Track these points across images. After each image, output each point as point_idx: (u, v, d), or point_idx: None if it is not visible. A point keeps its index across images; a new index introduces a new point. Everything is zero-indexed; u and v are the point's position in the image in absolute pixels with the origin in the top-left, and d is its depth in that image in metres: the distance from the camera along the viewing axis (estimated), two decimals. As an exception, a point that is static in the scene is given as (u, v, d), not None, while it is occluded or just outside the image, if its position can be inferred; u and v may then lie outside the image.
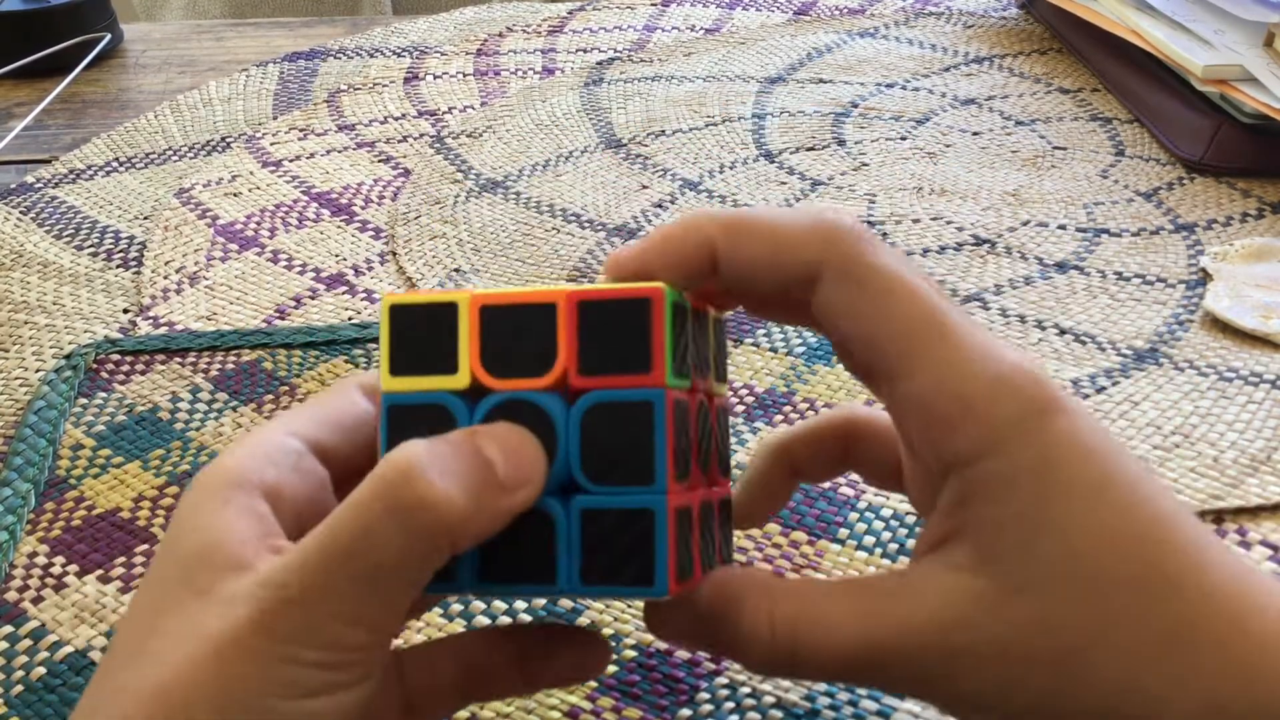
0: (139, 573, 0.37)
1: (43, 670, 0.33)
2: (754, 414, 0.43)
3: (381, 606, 0.21)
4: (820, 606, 0.23)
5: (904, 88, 0.74)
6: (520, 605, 0.35)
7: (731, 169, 0.64)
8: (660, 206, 0.60)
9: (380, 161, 0.67)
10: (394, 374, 0.24)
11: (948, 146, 0.66)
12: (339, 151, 0.68)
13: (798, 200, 0.60)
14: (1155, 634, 0.21)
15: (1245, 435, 0.41)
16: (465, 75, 0.80)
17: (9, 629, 0.35)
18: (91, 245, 0.58)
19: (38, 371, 0.48)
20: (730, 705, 0.31)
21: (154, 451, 0.43)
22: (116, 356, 0.48)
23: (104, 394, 0.46)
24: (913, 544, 0.36)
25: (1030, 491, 0.22)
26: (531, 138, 0.69)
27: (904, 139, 0.67)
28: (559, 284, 0.25)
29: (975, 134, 0.67)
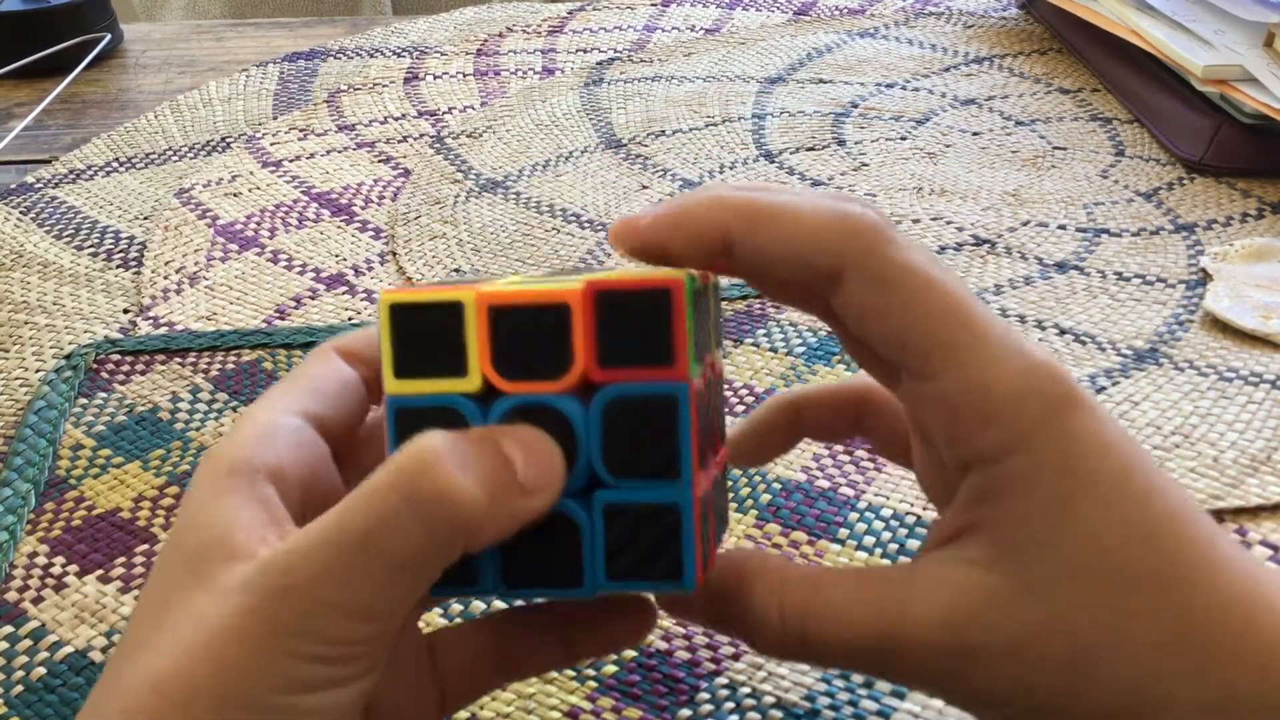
0: (139, 573, 0.37)
1: (43, 670, 0.33)
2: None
3: (388, 599, 0.21)
4: (830, 595, 0.23)
5: (904, 88, 0.74)
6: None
7: (731, 169, 0.64)
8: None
9: (380, 161, 0.67)
10: (399, 376, 0.23)
11: (948, 146, 0.66)
12: (339, 151, 0.68)
13: (798, 200, 0.60)
14: (1169, 630, 0.21)
15: (1245, 435, 0.41)
16: (465, 75, 0.80)
17: (9, 629, 0.35)
18: (91, 245, 0.58)
19: (38, 371, 0.48)
20: (730, 705, 0.31)
21: (154, 451, 0.43)
22: (116, 356, 0.48)
23: (104, 394, 0.46)
24: (913, 544, 0.36)
25: (1053, 487, 0.22)
26: (531, 138, 0.69)
27: (904, 139, 0.67)
28: (562, 276, 0.24)
29: (975, 134, 0.67)
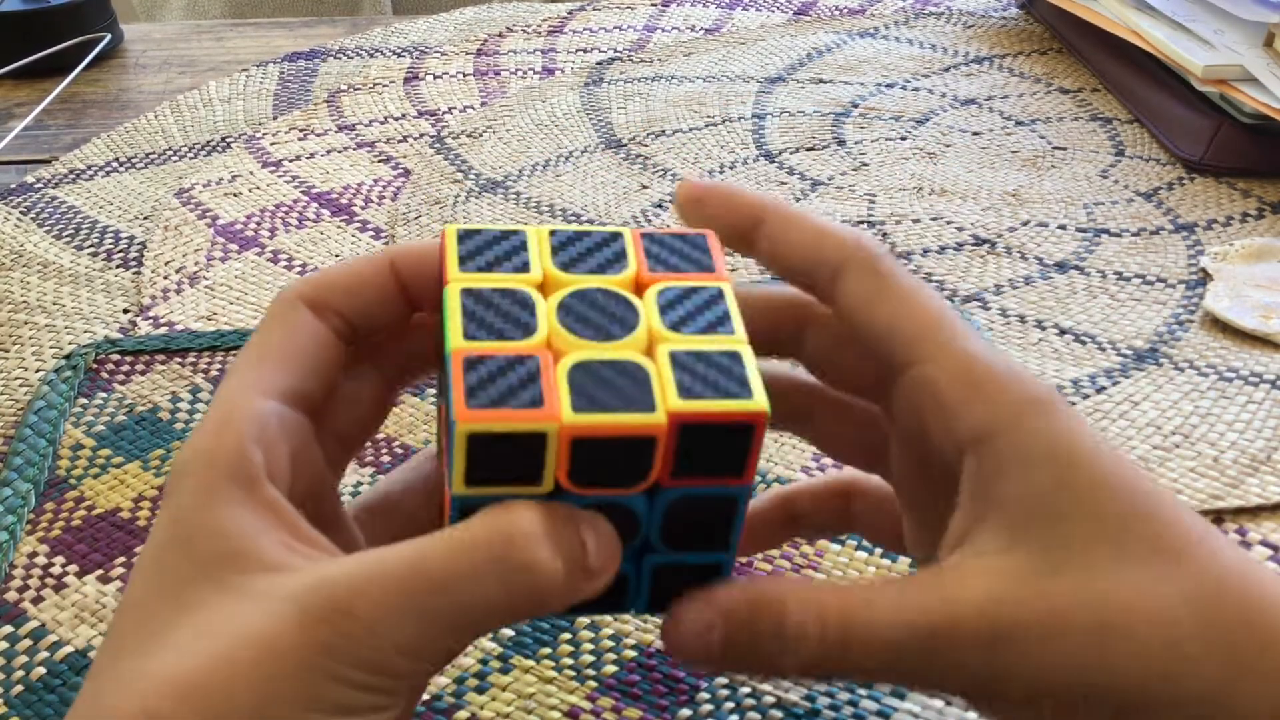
0: (139, 573, 0.37)
1: (43, 670, 0.33)
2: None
3: (446, 645, 0.22)
4: (867, 598, 0.23)
5: (904, 88, 0.74)
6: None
7: (731, 169, 0.64)
8: (660, 206, 0.60)
9: (380, 161, 0.67)
10: (469, 485, 0.22)
11: (948, 146, 0.66)
12: (339, 151, 0.68)
13: (798, 200, 0.60)
14: (1185, 602, 0.22)
15: (1245, 435, 0.41)
16: (465, 75, 0.80)
17: (9, 629, 0.35)
18: (91, 245, 0.58)
19: (38, 371, 0.48)
20: (730, 705, 0.31)
21: (154, 451, 0.43)
22: (116, 356, 0.48)
23: (104, 394, 0.46)
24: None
25: (1050, 467, 0.22)
26: (531, 138, 0.69)
27: (904, 139, 0.67)
28: (603, 230, 0.25)
29: (975, 134, 0.67)
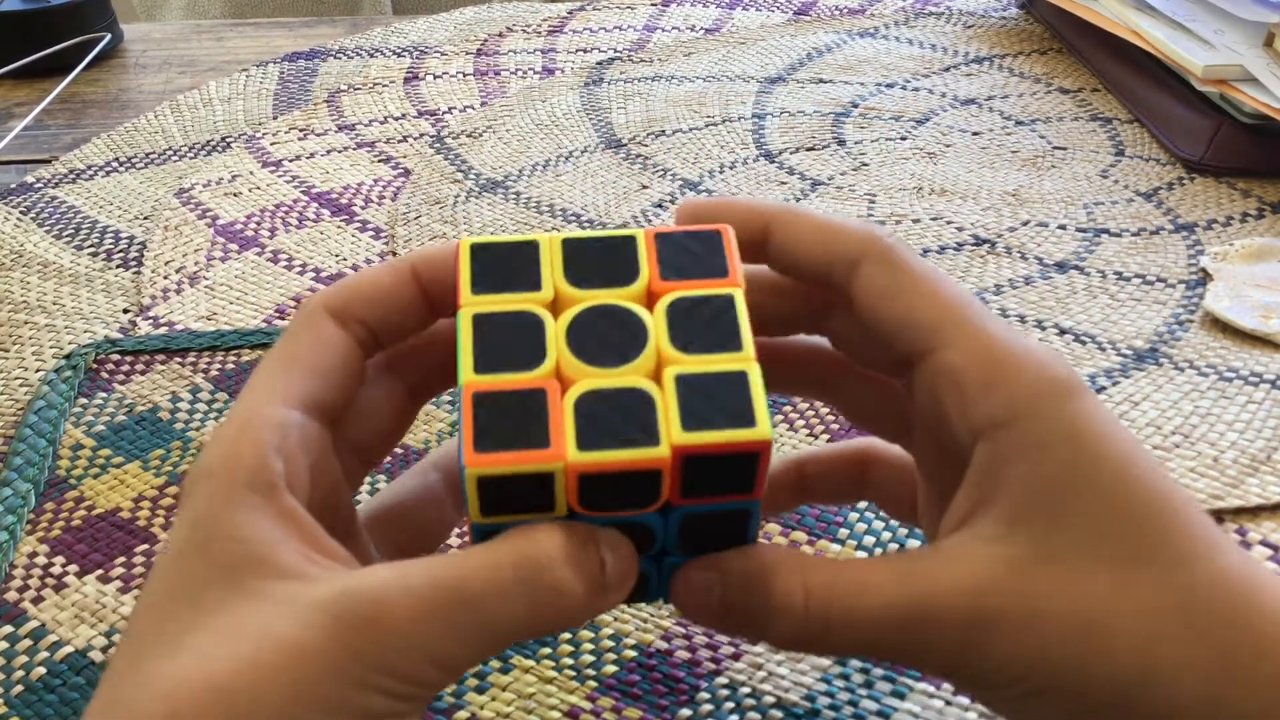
0: (139, 573, 0.37)
1: (43, 670, 0.33)
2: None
3: (471, 657, 0.22)
4: (854, 573, 0.24)
5: (904, 88, 0.74)
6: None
7: (731, 169, 0.64)
8: (660, 206, 0.60)
9: (380, 161, 0.67)
10: (485, 516, 0.23)
11: (948, 146, 0.66)
12: (339, 151, 0.68)
13: (798, 200, 0.60)
14: (1174, 604, 0.22)
15: (1245, 435, 0.41)
16: (465, 75, 0.80)
17: (9, 629, 0.35)
18: (91, 245, 0.58)
19: (38, 371, 0.48)
20: (730, 705, 0.31)
21: (154, 451, 0.43)
22: (116, 356, 0.48)
23: (104, 394, 0.46)
24: (913, 544, 0.36)
25: (1060, 460, 0.22)
26: (531, 138, 0.69)
27: (904, 139, 0.67)
28: (615, 233, 0.25)
29: (975, 134, 0.67)
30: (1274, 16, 0.64)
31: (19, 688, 0.33)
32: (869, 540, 0.37)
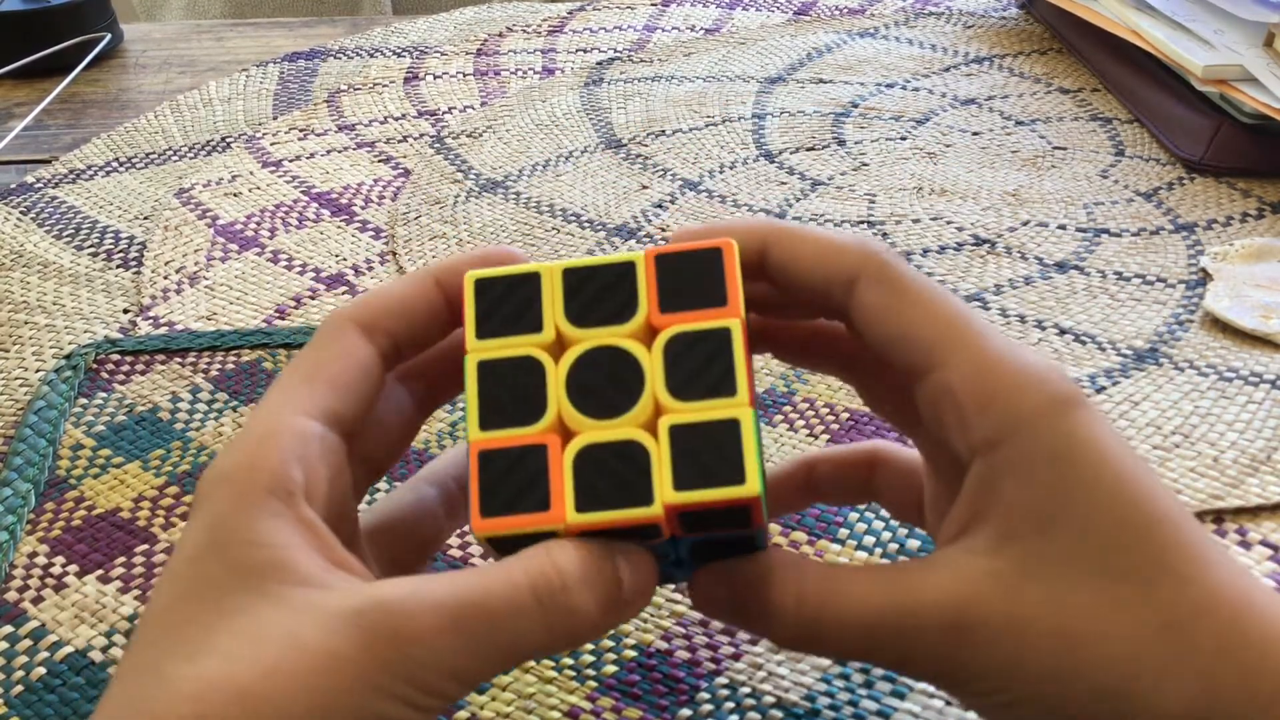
0: (139, 573, 0.37)
1: (43, 670, 0.33)
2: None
3: (487, 672, 0.22)
4: (845, 581, 0.24)
5: (904, 88, 0.74)
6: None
7: (731, 169, 0.64)
8: (660, 206, 0.60)
9: (380, 161, 0.67)
10: (485, 516, 0.24)
11: (948, 146, 0.66)
12: (339, 151, 0.68)
13: (798, 200, 0.60)
14: (1157, 619, 0.22)
15: (1245, 435, 0.41)
16: (465, 75, 0.80)
17: (9, 629, 0.35)
18: (91, 245, 0.58)
19: (38, 371, 0.48)
20: (730, 705, 0.31)
21: (154, 451, 0.43)
22: (116, 356, 0.48)
23: (104, 394, 0.46)
24: (913, 544, 0.36)
25: (1050, 478, 0.22)
26: (531, 138, 0.69)
27: (904, 139, 0.67)
28: (625, 255, 0.25)
29: (975, 134, 0.67)
30: (1274, 16, 0.64)
31: (19, 688, 0.33)
32: (869, 540, 0.37)
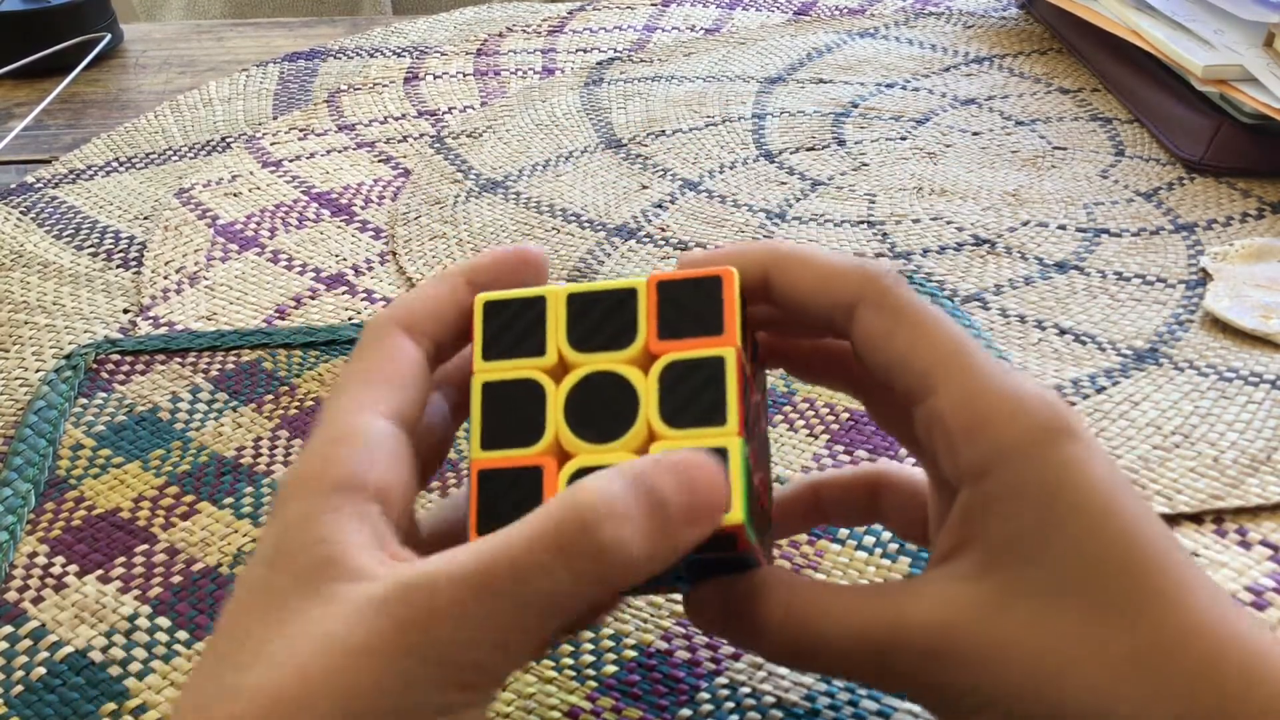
0: (139, 573, 0.37)
1: (43, 670, 0.33)
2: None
3: (534, 637, 0.21)
4: (831, 600, 0.25)
5: (904, 88, 0.74)
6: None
7: (731, 169, 0.64)
8: (660, 206, 0.60)
9: (380, 161, 0.67)
10: (481, 532, 0.24)
11: (948, 146, 0.66)
12: (339, 151, 0.68)
13: (798, 200, 0.60)
14: (1136, 650, 0.22)
15: (1245, 435, 0.41)
16: (465, 75, 0.80)
17: (9, 629, 0.35)
18: (91, 245, 0.58)
19: (38, 371, 0.48)
20: (730, 705, 0.31)
21: (154, 451, 0.43)
22: (116, 356, 0.48)
23: (104, 394, 0.46)
24: (912, 544, 0.36)
25: (1035, 508, 0.23)
26: (531, 138, 0.69)
27: (904, 139, 0.67)
28: (628, 281, 0.26)
29: (975, 134, 0.67)
30: (1274, 16, 0.64)
31: (19, 688, 0.33)
32: (869, 540, 0.37)
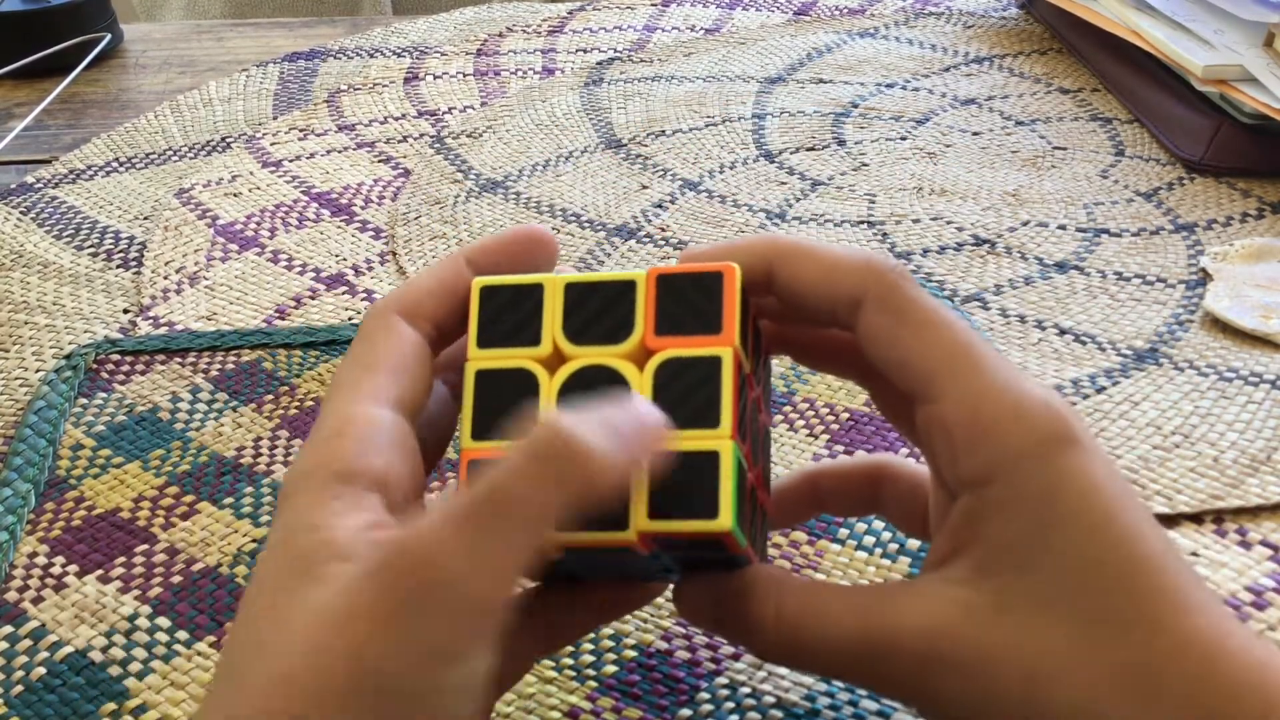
0: (139, 573, 0.37)
1: (43, 670, 0.33)
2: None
3: (523, 557, 0.21)
4: (823, 601, 0.24)
5: (904, 88, 0.74)
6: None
7: (731, 169, 0.64)
8: (660, 206, 0.60)
9: (380, 161, 0.67)
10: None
11: (948, 146, 0.66)
12: (339, 151, 0.68)
13: (798, 200, 0.60)
14: (1126, 665, 0.22)
15: (1245, 435, 0.41)
16: (465, 75, 0.80)
17: (9, 629, 0.35)
18: (91, 245, 0.58)
19: (38, 371, 0.48)
20: (730, 705, 0.31)
21: (154, 451, 0.43)
22: (116, 356, 0.48)
23: (104, 394, 0.46)
24: (913, 544, 0.36)
25: (1032, 517, 0.23)
26: (531, 138, 0.69)
27: (904, 139, 0.67)
28: (628, 273, 0.26)
29: (975, 134, 0.67)
30: (1274, 16, 0.64)
31: (19, 688, 0.33)
32: (869, 540, 0.37)
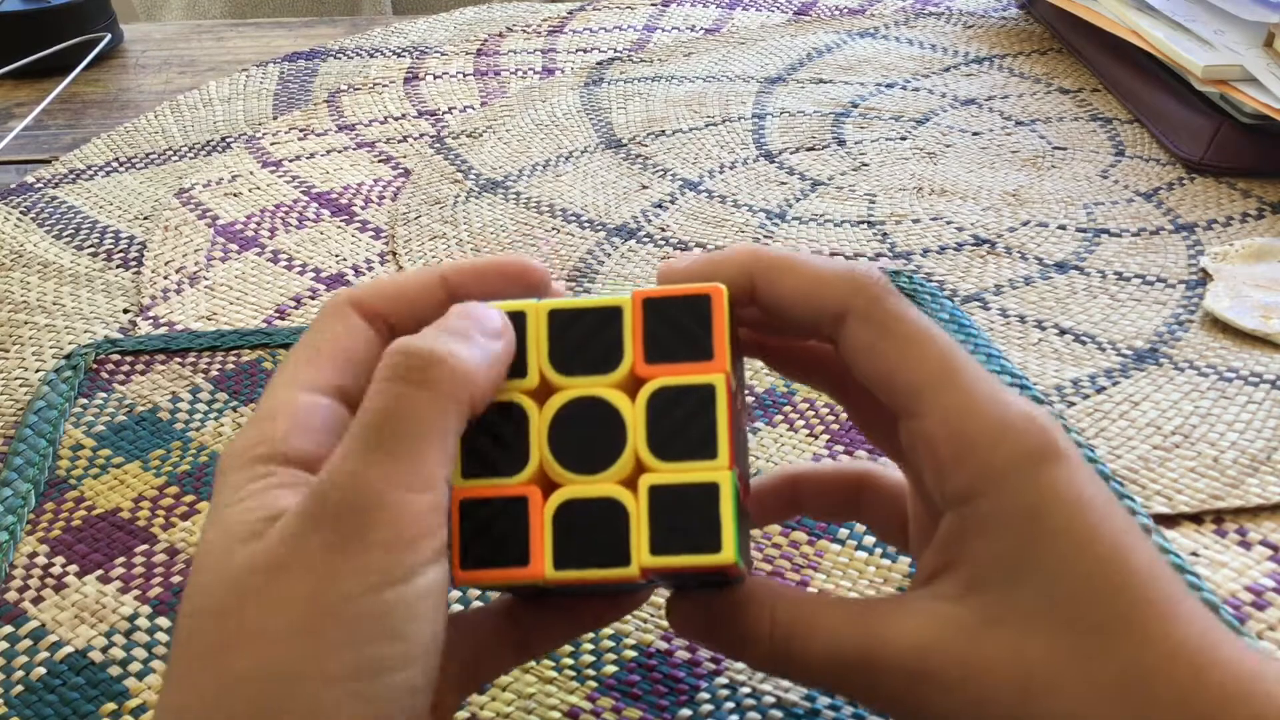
0: (139, 572, 0.37)
1: (43, 670, 0.33)
2: (753, 414, 0.43)
3: (426, 466, 0.22)
4: (816, 614, 0.25)
5: (904, 88, 0.74)
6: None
7: (731, 169, 0.64)
8: (660, 206, 0.60)
9: (380, 161, 0.67)
10: (465, 569, 0.24)
11: (948, 146, 0.66)
12: (339, 151, 0.68)
13: (798, 200, 0.60)
14: (1115, 678, 0.22)
15: (1245, 435, 0.41)
16: (465, 75, 0.80)
17: (9, 629, 0.35)
18: (91, 245, 0.58)
19: (38, 371, 0.48)
20: (730, 705, 0.31)
21: (154, 451, 0.43)
22: (116, 356, 0.48)
23: (104, 394, 0.46)
24: (891, 546, 0.36)
25: (1019, 533, 0.23)
26: (531, 138, 0.69)
27: (904, 139, 0.67)
28: (614, 296, 0.25)
29: (975, 134, 0.67)
30: (1274, 16, 0.64)
31: (19, 688, 0.33)
32: (869, 540, 0.37)
